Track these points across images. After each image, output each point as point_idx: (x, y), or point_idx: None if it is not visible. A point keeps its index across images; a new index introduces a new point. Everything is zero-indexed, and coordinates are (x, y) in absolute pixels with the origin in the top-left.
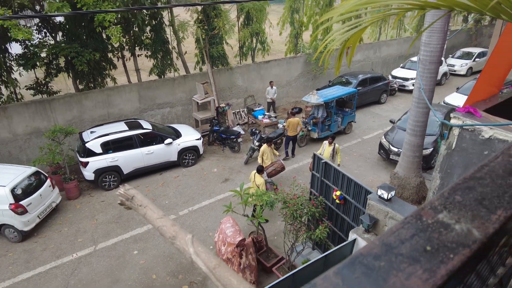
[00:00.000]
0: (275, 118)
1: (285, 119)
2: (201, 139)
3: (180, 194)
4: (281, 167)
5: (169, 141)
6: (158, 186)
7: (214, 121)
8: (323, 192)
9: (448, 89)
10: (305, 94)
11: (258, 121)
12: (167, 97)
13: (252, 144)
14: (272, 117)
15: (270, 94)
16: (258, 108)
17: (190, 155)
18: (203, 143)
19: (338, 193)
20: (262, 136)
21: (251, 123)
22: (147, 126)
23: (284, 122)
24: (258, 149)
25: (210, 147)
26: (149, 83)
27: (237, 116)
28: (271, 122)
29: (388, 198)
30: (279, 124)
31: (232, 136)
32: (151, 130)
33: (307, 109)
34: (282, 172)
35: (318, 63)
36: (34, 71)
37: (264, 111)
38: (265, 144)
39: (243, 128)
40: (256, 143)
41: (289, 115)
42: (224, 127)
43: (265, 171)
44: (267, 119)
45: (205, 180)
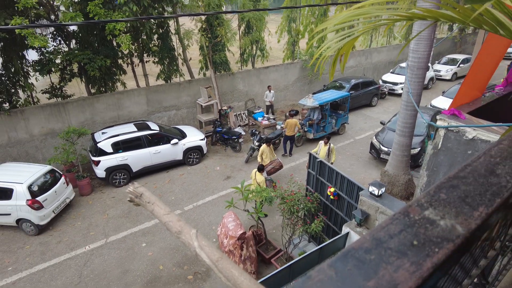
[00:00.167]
0: (274, 120)
1: (283, 120)
2: (205, 139)
3: (185, 190)
4: (279, 165)
5: (175, 141)
6: (165, 183)
7: (217, 123)
8: (318, 189)
9: (434, 93)
10: (301, 98)
11: (258, 123)
12: (173, 100)
13: (252, 144)
14: (270, 119)
15: (268, 98)
16: (258, 110)
17: (195, 154)
18: (207, 143)
19: (332, 189)
20: (262, 136)
21: (251, 124)
22: (154, 127)
23: (283, 124)
24: (258, 148)
25: (213, 147)
26: (156, 87)
27: (238, 118)
28: (270, 123)
29: (379, 194)
30: (277, 126)
31: (234, 137)
32: (158, 131)
33: (303, 111)
34: (280, 170)
35: (314, 69)
36: (50, 76)
37: (264, 113)
38: (265, 144)
39: (244, 129)
40: (256, 143)
41: (287, 116)
42: (226, 128)
43: (265, 169)
44: (266, 121)
45: (208, 177)
